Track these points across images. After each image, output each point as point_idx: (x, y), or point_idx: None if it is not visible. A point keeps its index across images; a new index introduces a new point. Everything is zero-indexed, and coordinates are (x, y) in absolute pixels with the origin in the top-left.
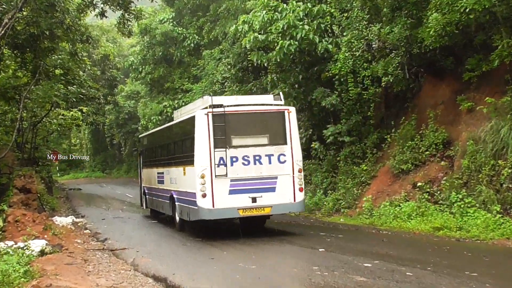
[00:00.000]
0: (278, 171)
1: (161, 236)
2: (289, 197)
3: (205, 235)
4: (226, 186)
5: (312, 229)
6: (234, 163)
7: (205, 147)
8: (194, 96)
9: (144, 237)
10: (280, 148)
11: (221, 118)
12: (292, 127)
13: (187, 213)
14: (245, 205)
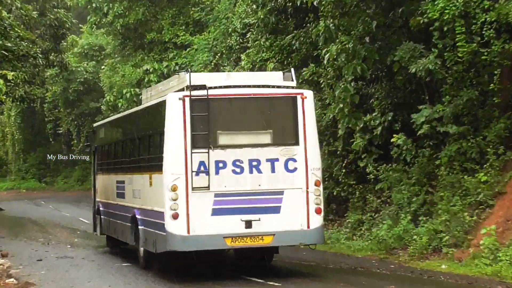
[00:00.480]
0: (285, 183)
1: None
2: (301, 221)
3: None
4: (208, 203)
5: (390, 282)
6: (220, 170)
7: (179, 146)
8: (195, 54)
9: None
10: (289, 150)
11: (204, 105)
12: (308, 120)
13: (153, 242)
14: (235, 232)
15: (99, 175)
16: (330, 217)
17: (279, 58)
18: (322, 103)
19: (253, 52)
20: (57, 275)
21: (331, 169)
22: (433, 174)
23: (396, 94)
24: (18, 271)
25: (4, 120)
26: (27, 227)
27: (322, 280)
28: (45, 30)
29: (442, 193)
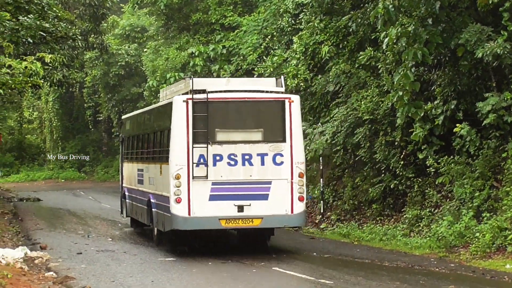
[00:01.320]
0: (273, 174)
1: (186, 286)
2: (286, 207)
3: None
4: (206, 190)
5: (449, 282)
6: (217, 162)
7: (182, 141)
8: (244, 37)
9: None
10: (277, 146)
11: (204, 106)
12: (294, 120)
13: (162, 222)
14: (229, 215)
15: (125, 163)
16: (386, 212)
17: (334, 41)
18: (380, 90)
19: (306, 35)
20: (98, 269)
21: (388, 161)
22: (499, 168)
23: (460, 80)
24: (58, 264)
25: (42, 106)
26: (66, 219)
27: (376, 278)
28: (84, 10)
29: (508, 188)
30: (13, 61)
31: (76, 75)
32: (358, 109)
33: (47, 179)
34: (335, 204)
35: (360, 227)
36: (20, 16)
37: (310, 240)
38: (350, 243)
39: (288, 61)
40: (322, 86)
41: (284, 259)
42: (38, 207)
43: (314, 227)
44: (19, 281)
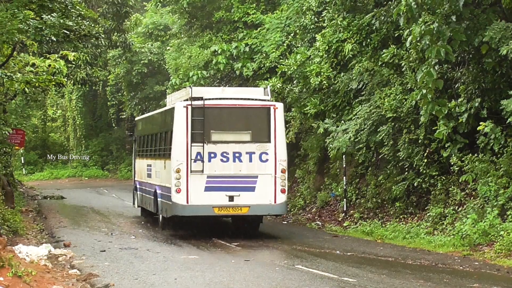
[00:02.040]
0: (259, 170)
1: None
2: (270, 198)
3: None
4: (202, 182)
5: (473, 280)
6: (212, 159)
7: (182, 141)
8: (267, 34)
9: (176, 286)
10: (263, 146)
11: (201, 111)
12: (278, 124)
13: (165, 209)
14: (221, 203)
15: (137, 159)
16: (410, 210)
17: (357, 38)
18: (403, 88)
19: (329, 32)
20: (121, 267)
21: (412, 158)
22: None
23: (484, 78)
24: (81, 262)
25: (65, 104)
26: (89, 217)
27: (400, 277)
28: (107, 8)
29: None
30: (37, 60)
31: (99, 73)
32: (381, 107)
33: (71, 177)
34: (358, 202)
35: (383, 225)
36: (43, 14)
37: (333, 238)
38: (373, 241)
39: (311, 59)
40: (345, 84)
41: (307, 257)
42: (62, 205)
43: (337, 225)
44: (43, 278)
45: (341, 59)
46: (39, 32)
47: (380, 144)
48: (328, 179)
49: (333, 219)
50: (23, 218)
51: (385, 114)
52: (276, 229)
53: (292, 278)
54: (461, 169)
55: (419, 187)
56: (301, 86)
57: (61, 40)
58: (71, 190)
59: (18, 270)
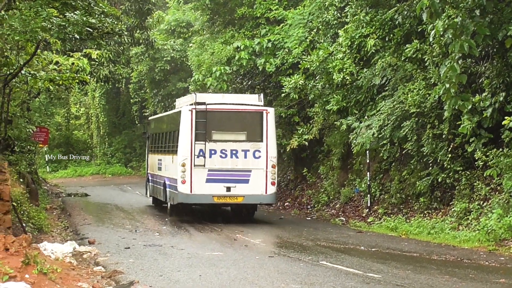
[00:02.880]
0: (252, 165)
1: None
2: (261, 189)
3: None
4: (203, 175)
5: (499, 275)
6: (212, 155)
7: (187, 139)
8: (289, 30)
9: (201, 283)
10: (256, 144)
11: (203, 114)
12: (269, 126)
13: (172, 198)
14: (219, 193)
15: (149, 155)
16: (434, 205)
17: (380, 34)
18: (427, 83)
19: (351, 28)
20: (146, 264)
21: (436, 154)
22: None
23: (509, 72)
24: (106, 259)
25: (89, 102)
26: (114, 214)
27: (425, 272)
28: (130, 5)
29: None
30: (61, 58)
31: (122, 70)
32: (405, 102)
33: (94, 175)
34: (382, 197)
35: (408, 221)
36: (67, 12)
37: (357, 234)
38: (398, 236)
39: (333, 55)
40: (368, 80)
41: (332, 253)
42: (86, 202)
43: (361, 220)
44: (69, 276)
45: (364, 54)
46: (62, 30)
47: (403, 139)
48: (352, 174)
49: (357, 215)
50: (47, 216)
51: (408, 109)
52: (300, 225)
53: (317, 274)
54: (486, 164)
55: (443, 182)
56: (323, 82)
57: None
58: (94, 187)
59: (44, 267)
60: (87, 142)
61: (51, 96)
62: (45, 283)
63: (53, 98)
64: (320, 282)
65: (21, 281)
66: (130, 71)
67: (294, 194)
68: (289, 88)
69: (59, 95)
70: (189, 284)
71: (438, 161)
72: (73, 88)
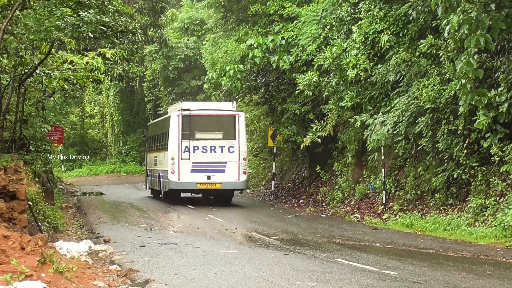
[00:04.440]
0: (228, 158)
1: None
2: (235, 177)
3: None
4: (189, 166)
5: None
6: (196, 150)
7: (176, 138)
8: (303, 27)
9: (217, 281)
10: (231, 142)
11: (188, 118)
12: (241, 127)
13: (165, 185)
14: (202, 181)
15: (148, 154)
16: (450, 202)
17: (394, 29)
18: (442, 78)
19: (365, 24)
20: (161, 262)
21: (451, 149)
22: None
23: None
24: (121, 258)
25: (103, 101)
26: (129, 212)
27: (441, 269)
28: (143, 3)
29: None
30: (75, 57)
31: (136, 69)
32: (420, 98)
33: (109, 173)
34: (397, 194)
35: (423, 217)
36: (80, 11)
37: (372, 230)
38: (414, 233)
39: (347, 51)
40: (382, 76)
41: (347, 250)
42: (101, 201)
43: (376, 217)
44: (84, 274)
45: (378, 50)
46: (76, 29)
47: (418, 135)
48: (367, 171)
49: (372, 212)
50: (63, 215)
51: (423, 105)
52: (315, 222)
53: (332, 271)
54: (502, 159)
55: (459, 178)
56: (337, 78)
57: (98, 36)
58: (109, 186)
59: (59, 266)
60: (101, 141)
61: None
62: (61, 282)
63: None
64: (336, 280)
65: (37, 280)
66: (144, 69)
67: (309, 191)
68: (303, 85)
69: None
70: (205, 282)
71: (454, 157)
72: (87, 87)
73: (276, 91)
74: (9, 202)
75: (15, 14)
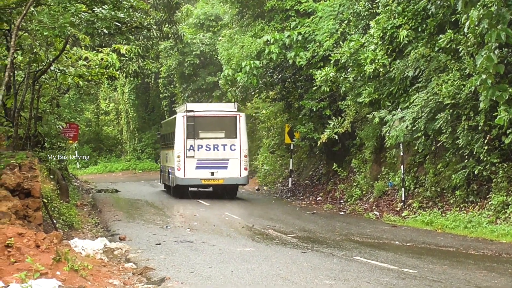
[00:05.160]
0: (229, 155)
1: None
2: (237, 173)
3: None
4: (193, 163)
5: None
6: (200, 149)
7: (181, 137)
8: (320, 23)
9: (233, 279)
10: (232, 140)
11: (192, 119)
12: (242, 126)
13: (173, 181)
14: (206, 177)
15: (161, 151)
16: (470, 199)
17: (413, 24)
18: (461, 74)
19: (383, 19)
20: (177, 260)
21: (471, 146)
22: None
23: None
24: (137, 255)
25: (118, 97)
26: (144, 210)
27: (462, 267)
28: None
29: None
30: (90, 53)
31: (151, 65)
32: (439, 94)
33: (124, 170)
34: (416, 191)
35: (443, 215)
36: (95, 7)
37: (391, 228)
38: (433, 231)
39: (365, 46)
40: (401, 71)
41: (366, 248)
42: (116, 198)
43: (395, 215)
44: (100, 272)
45: (396, 45)
46: (91, 25)
47: (438, 132)
48: (385, 168)
49: (391, 209)
50: (78, 212)
51: (443, 101)
52: (332, 219)
53: (351, 270)
54: None
55: (479, 175)
56: (355, 74)
57: (113, 32)
58: (125, 183)
59: (75, 264)
60: (116, 138)
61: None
62: (76, 280)
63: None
64: (354, 278)
65: (52, 278)
66: (159, 65)
67: (327, 188)
68: (320, 81)
69: (88, 91)
70: (221, 281)
71: (474, 154)
72: (102, 83)
73: (292, 87)
74: (24, 199)
75: (29, 10)
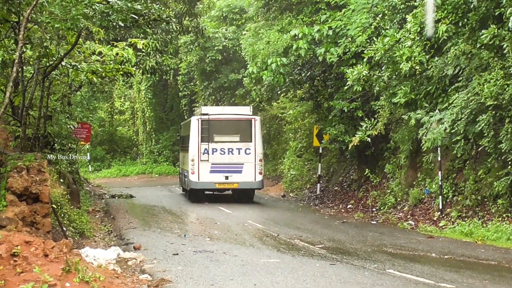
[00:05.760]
0: (244, 159)
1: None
2: (251, 177)
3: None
4: (208, 167)
5: None
6: (214, 152)
7: (196, 141)
8: (352, 16)
9: None
10: (247, 144)
11: (207, 122)
12: (257, 130)
13: (188, 185)
14: (220, 181)
15: (180, 153)
16: None
17: (453, 18)
18: (505, 72)
19: (421, 13)
20: (195, 272)
21: None
22: None
23: None
24: (152, 266)
25: (134, 95)
26: (161, 217)
27: (504, 282)
28: None
29: None
30: (104, 48)
31: (170, 61)
32: (481, 94)
33: (140, 174)
34: (455, 199)
35: (484, 225)
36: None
37: (427, 239)
38: (473, 242)
39: (401, 42)
40: (439, 69)
41: (399, 261)
42: (131, 204)
43: (432, 225)
44: (112, 284)
45: (435, 41)
46: (105, 17)
47: (479, 135)
48: (421, 174)
49: (428, 219)
50: (89, 219)
51: (484, 102)
52: (364, 229)
53: (383, 284)
54: None
55: None
56: (390, 72)
57: (129, 25)
58: (140, 188)
59: (85, 275)
60: (132, 139)
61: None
62: None
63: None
64: None
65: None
66: (179, 61)
67: (358, 195)
68: (352, 80)
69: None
70: None
71: None
72: (117, 80)
73: (322, 86)
74: (31, 205)
75: (39, 1)
